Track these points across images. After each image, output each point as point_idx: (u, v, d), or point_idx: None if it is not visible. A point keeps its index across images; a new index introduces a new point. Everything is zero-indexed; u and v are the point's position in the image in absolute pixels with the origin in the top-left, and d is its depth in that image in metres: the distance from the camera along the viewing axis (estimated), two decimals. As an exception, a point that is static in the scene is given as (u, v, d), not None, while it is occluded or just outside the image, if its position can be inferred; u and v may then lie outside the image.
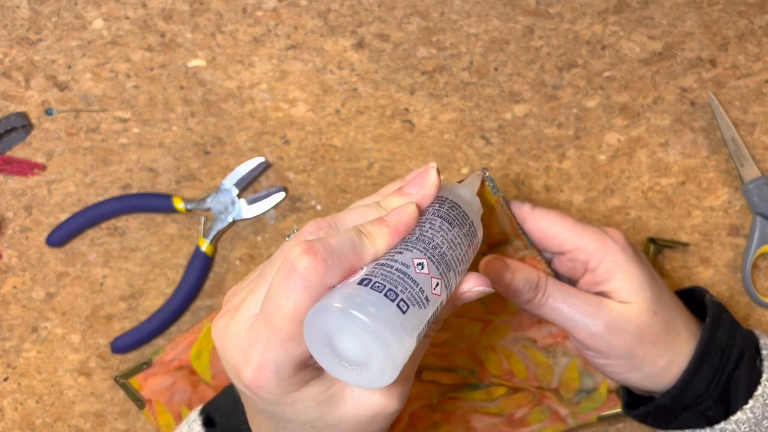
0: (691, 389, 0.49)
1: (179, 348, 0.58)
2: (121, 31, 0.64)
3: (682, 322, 0.50)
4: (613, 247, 0.49)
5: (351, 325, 0.33)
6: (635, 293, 0.48)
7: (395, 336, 0.34)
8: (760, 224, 0.60)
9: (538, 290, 0.48)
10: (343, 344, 0.34)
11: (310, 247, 0.35)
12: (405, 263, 0.36)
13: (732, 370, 0.49)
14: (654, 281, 0.50)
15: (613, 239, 0.49)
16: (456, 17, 0.64)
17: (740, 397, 0.49)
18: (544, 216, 0.50)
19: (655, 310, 0.48)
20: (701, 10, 0.64)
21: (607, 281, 0.49)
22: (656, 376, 0.49)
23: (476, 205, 0.44)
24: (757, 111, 0.63)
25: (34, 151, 0.63)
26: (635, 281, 0.49)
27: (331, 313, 0.33)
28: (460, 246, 0.40)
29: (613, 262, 0.49)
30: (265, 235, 0.62)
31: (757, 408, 0.49)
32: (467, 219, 0.41)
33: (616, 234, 0.50)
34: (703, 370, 0.49)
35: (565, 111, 0.63)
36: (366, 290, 0.35)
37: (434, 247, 0.38)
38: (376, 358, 0.34)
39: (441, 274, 0.38)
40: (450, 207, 0.41)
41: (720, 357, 0.49)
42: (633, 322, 0.48)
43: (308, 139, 0.63)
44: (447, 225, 0.40)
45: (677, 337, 0.49)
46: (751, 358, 0.50)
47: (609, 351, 0.48)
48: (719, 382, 0.49)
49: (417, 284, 0.36)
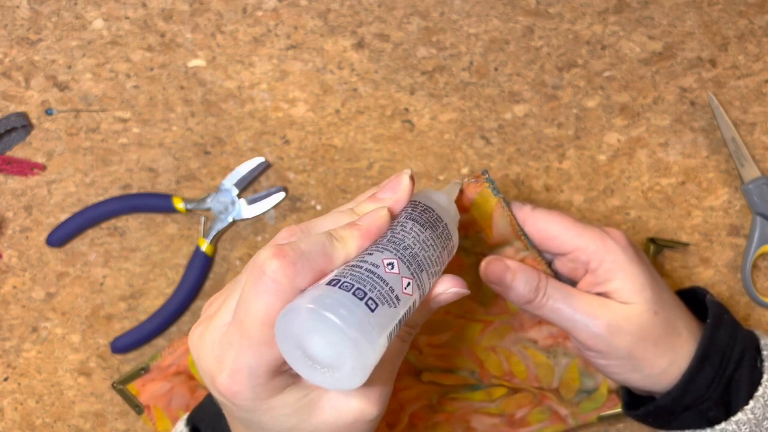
0: (692, 390, 0.48)
1: (177, 353, 0.58)
2: (121, 31, 0.64)
3: (683, 323, 0.50)
4: (614, 248, 0.49)
5: (320, 325, 0.34)
6: (636, 294, 0.48)
7: (364, 334, 0.34)
8: (760, 224, 0.60)
9: (538, 291, 0.48)
10: (313, 345, 0.34)
11: (280, 251, 0.35)
12: (375, 263, 0.37)
13: (733, 370, 0.49)
14: (655, 281, 0.49)
15: (613, 239, 0.49)
16: (456, 17, 0.64)
17: (741, 398, 0.49)
18: (544, 217, 0.50)
19: (655, 310, 0.48)
20: (701, 10, 0.64)
21: (608, 281, 0.49)
22: (657, 376, 0.49)
23: (452, 211, 0.44)
24: (757, 111, 0.63)
25: (34, 151, 0.63)
26: (636, 281, 0.48)
27: (300, 313, 0.34)
28: (433, 248, 0.40)
29: (614, 262, 0.48)
30: (265, 235, 0.62)
31: (757, 408, 0.48)
32: (440, 222, 0.42)
33: (617, 234, 0.50)
34: (703, 371, 0.48)
35: (565, 111, 0.63)
36: (334, 290, 0.35)
37: (405, 248, 0.38)
38: (346, 358, 0.34)
39: (413, 274, 0.38)
40: (422, 210, 0.41)
41: (721, 358, 0.49)
42: (634, 323, 0.48)
43: (308, 139, 0.63)
44: (419, 227, 0.40)
45: (678, 337, 0.49)
46: (751, 359, 0.50)
47: (609, 351, 0.48)
48: (720, 382, 0.49)
49: (387, 283, 0.36)
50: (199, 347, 0.38)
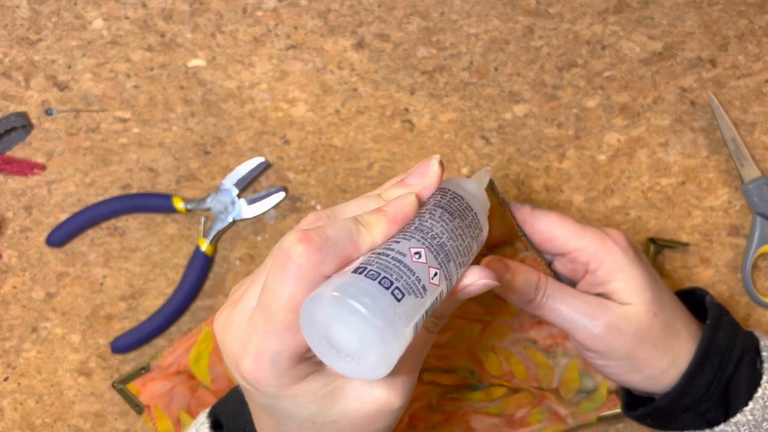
0: (691, 391, 0.48)
1: (177, 352, 0.58)
2: (121, 31, 0.64)
3: (683, 324, 0.50)
4: (614, 249, 0.49)
5: (345, 314, 0.33)
6: (636, 294, 0.48)
7: (389, 324, 0.33)
8: (760, 224, 0.60)
9: (537, 291, 0.48)
10: (338, 334, 0.34)
11: (305, 236, 0.34)
12: (401, 252, 0.36)
13: (732, 372, 0.49)
14: (655, 282, 0.49)
15: (614, 240, 0.49)
16: (456, 17, 0.64)
17: (740, 399, 0.49)
18: (544, 218, 0.50)
19: (655, 311, 0.48)
20: (701, 10, 0.64)
21: (608, 282, 0.49)
22: (656, 377, 0.49)
23: (482, 198, 0.43)
24: (757, 111, 0.63)
25: (34, 151, 0.63)
26: (636, 282, 0.48)
27: (325, 301, 0.33)
28: (462, 237, 0.39)
29: (614, 263, 0.48)
30: (265, 235, 0.62)
31: (756, 410, 0.48)
32: (470, 211, 0.41)
33: (617, 235, 0.50)
34: (703, 372, 0.48)
35: (565, 111, 0.63)
36: (360, 278, 0.34)
37: (433, 236, 0.37)
38: (371, 348, 0.33)
39: (440, 263, 0.37)
40: (452, 198, 0.40)
41: (720, 359, 0.49)
42: (633, 324, 0.48)
43: (308, 139, 0.63)
44: (448, 215, 0.39)
45: (677, 338, 0.49)
46: (751, 360, 0.50)
47: (609, 352, 0.48)
48: (719, 384, 0.49)
49: (413, 273, 0.35)
50: (225, 331, 0.38)
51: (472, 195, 0.42)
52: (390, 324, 0.33)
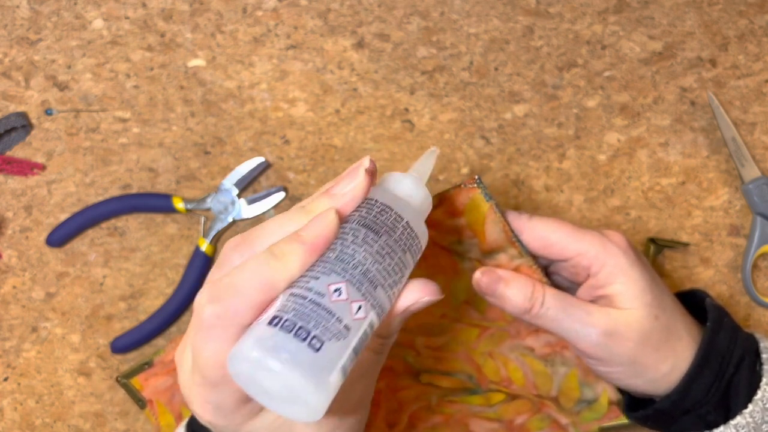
0: (691, 394, 0.48)
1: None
2: (121, 31, 0.64)
3: (684, 326, 0.50)
4: (615, 251, 0.48)
5: (265, 369, 0.33)
6: (636, 298, 0.48)
7: (309, 376, 0.33)
8: (760, 224, 0.60)
9: (534, 301, 0.47)
10: (266, 383, 0.33)
11: (213, 295, 0.34)
12: (320, 292, 0.35)
13: (732, 374, 0.49)
14: (655, 285, 0.49)
15: (614, 243, 0.49)
16: (456, 17, 0.64)
17: (740, 402, 0.49)
18: (542, 225, 0.49)
19: (656, 314, 0.48)
20: (701, 10, 0.64)
21: (609, 285, 0.48)
22: (658, 381, 0.49)
23: (419, 199, 0.41)
24: (757, 111, 0.63)
25: (34, 151, 0.63)
26: (636, 285, 0.48)
27: (243, 360, 0.33)
28: (390, 255, 0.37)
29: (615, 266, 0.48)
30: (265, 235, 0.62)
31: (756, 412, 0.48)
32: (400, 222, 0.39)
33: (617, 237, 0.49)
34: (703, 375, 0.48)
35: (565, 111, 0.63)
36: (275, 331, 0.33)
37: (355, 265, 0.36)
38: (297, 398, 0.33)
39: (364, 295, 0.36)
40: (379, 211, 0.38)
41: (720, 362, 0.49)
42: (634, 328, 0.47)
43: (308, 139, 0.63)
44: (372, 235, 0.37)
45: (679, 341, 0.49)
46: (751, 362, 0.50)
47: (611, 358, 0.48)
48: (719, 387, 0.48)
49: (333, 315, 0.34)
50: (178, 372, 0.39)
51: (403, 201, 0.40)
52: (310, 376, 0.33)
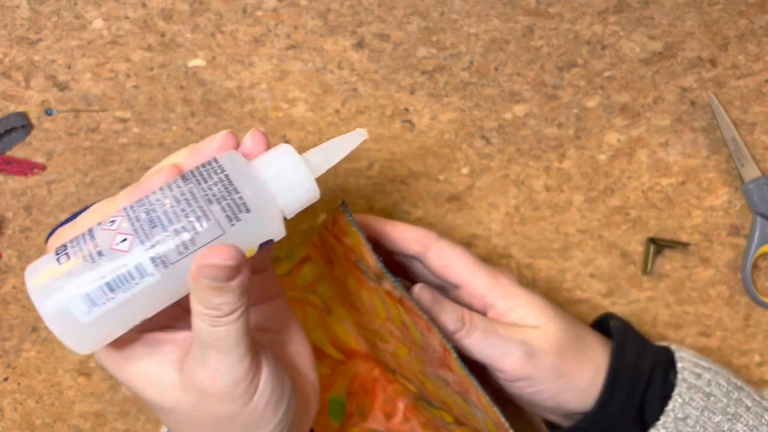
0: (607, 413, 0.50)
1: None
2: (121, 31, 0.64)
3: (592, 337, 0.52)
4: (507, 282, 0.52)
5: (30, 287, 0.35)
6: (541, 315, 0.50)
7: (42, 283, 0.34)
8: (760, 224, 0.60)
9: (464, 322, 0.49)
10: None
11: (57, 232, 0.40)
12: (101, 222, 0.36)
13: (644, 390, 0.50)
14: (551, 304, 0.52)
15: (505, 276, 0.52)
16: (456, 17, 0.64)
17: (654, 415, 0.50)
18: (447, 247, 0.52)
19: (564, 327, 0.50)
20: (701, 10, 0.64)
21: (510, 311, 0.51)
22: (586, 391, 0.50)
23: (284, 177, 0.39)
24: (757, 111, 0.63)
25: (33, 151, 0.64)
26: (536, 305, 0.51)
27: None
28: (188, 202, 0.36)
29: (509, 295, 0.51)
30: (265, 235, 0.62)
31: (669, 423, 0.49)
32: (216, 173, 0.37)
33: (507, 273, 0.53)
34: (616, 394, 0.50)
35: (565, 111, 0.63)
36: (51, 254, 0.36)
37: (142, 203, 0.36)
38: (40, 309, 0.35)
39: (136, 230, 0.35)
40: (202, 164, 0.38)
41: (631, 379, 0.50)
42: (552, 341, 0.49)
43: (308, 139, 0.63)
44: (180, 181, 0.37)
45: (592, 349, 0.51)
46: (663, 374, 0.51)
47: (537, 374, 0.49)
48: (633, 403, 0.50)
49: (93, 238, 0.35)
50: None
51: (249, 170, 0.38)
52: (43, 283, 0.34)
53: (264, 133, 0.41)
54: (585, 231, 0.62)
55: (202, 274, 0.35)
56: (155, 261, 0.35)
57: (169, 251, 0.35)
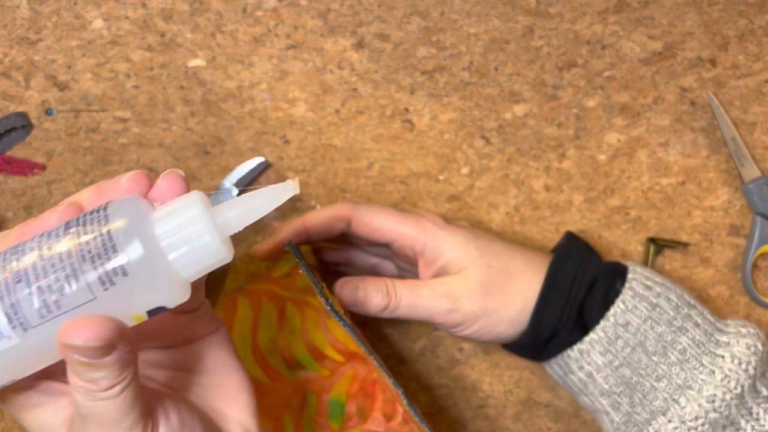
0: (545, 322, 0.52)
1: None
2: (121, 31, 0.64)
3: (524, 262, 0.53)
4: (431, 227, 0.53)
5: None
6: (464, 257, 0.52)
7: None
8: (760, 224, 0.60)
9: (390, 295, 0.51)
10: None
11: None
12: None
13: (583, 297, 0.52)
14: (479, 239, 0.53)
15: (429, 220, 0.54)
16: (456, 17, 0.64)
17: (594, 320, 0.52)
18: (366, 212, 0.54)
19: (488, 263, 0.52)
20: (701, 10, 0.64)
21: (438, 258, 0.53)
22: (517, 318, 0.52)
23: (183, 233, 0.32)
24: (757, 111, 0.63)
25: (33, 151, 0.63)
26: (460, 247, 0.52)
27: None
28: (63, 256, 0.30)
29: (435, 239, 0.53)
30: (265, 235, 0.62)
31: (608, 327, 0.51)
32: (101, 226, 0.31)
33: (431, 216, 0.54)
34: (551, 302, 0.52)
35: (565, 111, 0.63)
36: None
37: (12, 251, 0.31)
38: None
39: None
40: (89, 212, 0.32)
41: (570, 286, 0.52)
42: (473, 284, 0.52)
43: (308, 139, 0.63)
44: (57, 231, 0.31)
45: (521, 276, 0.53)
46: (606, 285, 0.53)
47: (467, 319, 0.52)
48: (571, 309, 0.52)
49: None
50: None
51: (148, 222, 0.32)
52: None
53: (181, 175, 0.35)
54: (585, 231, 0.62)
55: (68, 350, 0.31)
56: (12, 321, 0.30)
57: (30, 313, 0.30)
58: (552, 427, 0.61)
